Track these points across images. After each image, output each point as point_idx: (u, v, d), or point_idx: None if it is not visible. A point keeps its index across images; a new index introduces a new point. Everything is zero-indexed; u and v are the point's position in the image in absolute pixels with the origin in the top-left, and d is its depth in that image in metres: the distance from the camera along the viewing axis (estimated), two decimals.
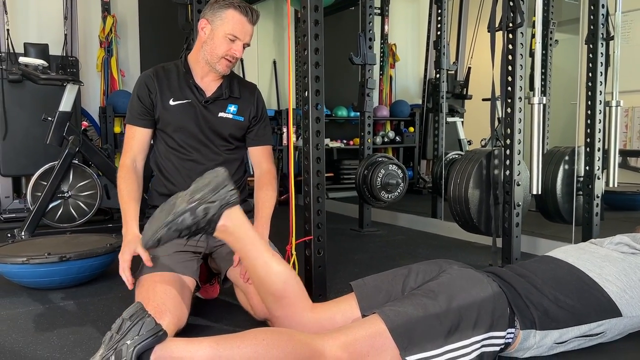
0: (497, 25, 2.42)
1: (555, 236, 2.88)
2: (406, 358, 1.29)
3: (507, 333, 1.41)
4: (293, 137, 3.23)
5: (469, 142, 5.17)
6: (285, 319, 1.52)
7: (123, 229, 1.71)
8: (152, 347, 1.19)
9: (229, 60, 1.81)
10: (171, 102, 1.84)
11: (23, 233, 3.07)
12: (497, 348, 1.40)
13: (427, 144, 5.13)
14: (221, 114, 1.89)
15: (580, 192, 2.85)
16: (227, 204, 1.49)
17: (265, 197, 1.84)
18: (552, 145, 3.67)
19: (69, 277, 2.16)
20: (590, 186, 2.77)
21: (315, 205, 1.96)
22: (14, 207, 3.83)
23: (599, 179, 2.77)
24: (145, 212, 1.92)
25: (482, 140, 4.74)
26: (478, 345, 1.36)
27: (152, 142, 1.91)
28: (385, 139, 5.51)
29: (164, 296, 1.56)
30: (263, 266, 1.53)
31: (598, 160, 2.77)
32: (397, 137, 5.58)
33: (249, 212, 1.96)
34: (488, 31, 2.44)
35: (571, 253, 1.67)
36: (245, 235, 1.53)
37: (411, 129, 5.68)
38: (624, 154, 4.47)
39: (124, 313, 1.21)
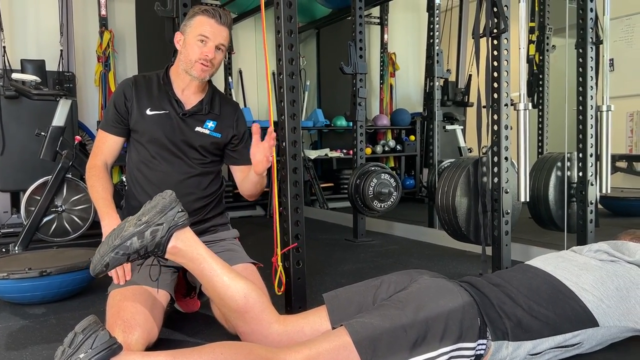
0: (481, 32, 2.40)
1: (550, 244, 2.83)
2: None
3: (478, 344, 1.38)
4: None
5: (470, 150, 5.12)
6: (252, 334, 1.49)
7: (103, 221, 1.68)
8: None
9: (203, 64, 1.81)
10: (148, 112, 1.85)
11: (16, 248, 3.09)
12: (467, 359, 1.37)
13: (428, 152, 5.10)
14: (198, 129, 1.88)
15: (574, 199, 2.80)
16: (175, 225, 1.46)
17: None
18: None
19: (50, 291, 2.15)
20: (583, 192, 2.72)
21: (293, 215, 1.94)
22: (12, 222, 3.86)
23: (592, 185, 2.72)
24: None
25: (483, 147, 4.69)
26: (446, 357, 1.33)
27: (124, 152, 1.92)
28: (386, 148, 5.47)
29: (133, 310, 1.55)
30: (220, 283, 1.50)
31: (591, 166, 2.72)
32: (397, 146, 5.54)
33: (226, 225, 1.95)
34: (472, 38, 2.43)
35: (550, 261, 1.63)
36: (197, 255, 1.50)
37: (412, 137, 5.65)
38: (630, 158, 4.38)
39: (77, 326, 1.20)
